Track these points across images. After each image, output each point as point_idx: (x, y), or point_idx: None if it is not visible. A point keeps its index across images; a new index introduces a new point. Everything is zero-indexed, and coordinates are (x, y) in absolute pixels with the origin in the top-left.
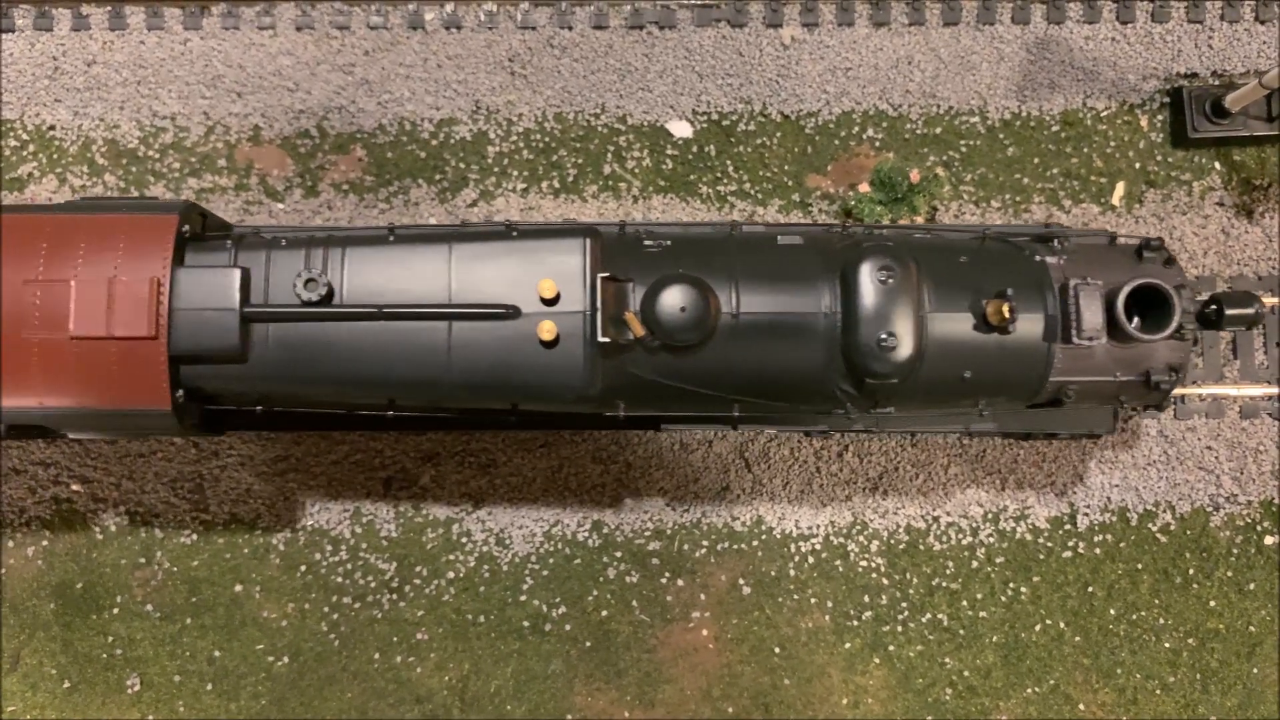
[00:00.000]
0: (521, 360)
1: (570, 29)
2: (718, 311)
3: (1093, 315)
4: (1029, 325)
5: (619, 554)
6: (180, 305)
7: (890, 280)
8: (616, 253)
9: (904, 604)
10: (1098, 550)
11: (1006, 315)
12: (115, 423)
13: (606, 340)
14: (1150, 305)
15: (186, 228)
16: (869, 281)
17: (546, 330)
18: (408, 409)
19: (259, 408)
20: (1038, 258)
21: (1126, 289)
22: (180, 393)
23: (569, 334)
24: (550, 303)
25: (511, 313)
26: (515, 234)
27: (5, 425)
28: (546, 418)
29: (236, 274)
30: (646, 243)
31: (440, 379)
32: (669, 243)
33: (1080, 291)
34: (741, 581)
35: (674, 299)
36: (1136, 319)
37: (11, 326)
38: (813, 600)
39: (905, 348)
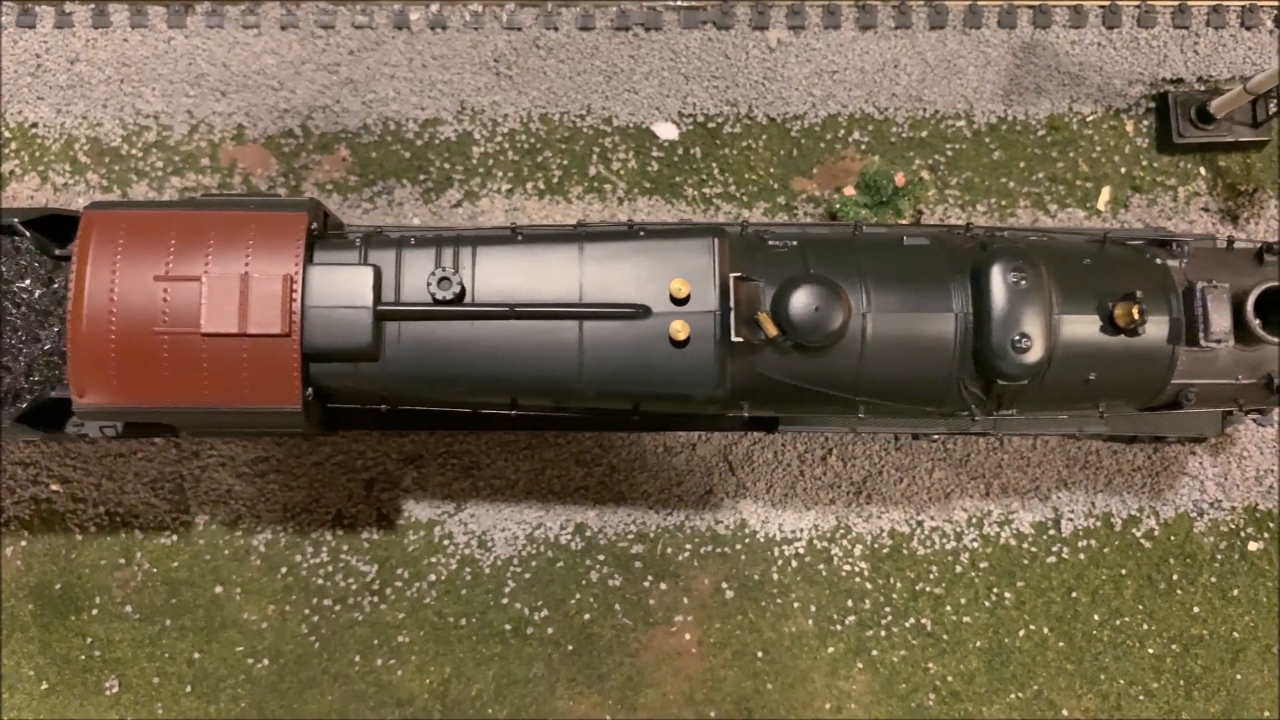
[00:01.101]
0: (652, 360)
1: (556, 30)
2: (850, 312)
3: (1220, 318)
4: (1154, 328)
5: (602, 557)
6: (312, 303)
7: (1023, 282)
8: (741, 252)
9: (887, 609)
10: (1082, 555)
11: (1136, 317)
12: (242, 421)
13: (739, 340)
14: (1272, 309)
15: (315, 225)
16: (1001, 283)
17: (679, 330)
18: (530, 409)
19: (382, 406)
20: (1159, 261)
21: (1257, 291)
22: (309, 391)
23: (700, 334)
24: (681, 303)
25: (642, 312)
26: (643, 234)
27: (123, 423)
28: (664, 418)
29: (370, 272)
30: (771, 243)
31: (571, 378)
32: (795, 243)
33: (1208, 294)
34: (725, 585)
35: (808, 299)
36: (1258, 321)
37: (140, 323)
38: (796, 604)
39: (1038, 349)
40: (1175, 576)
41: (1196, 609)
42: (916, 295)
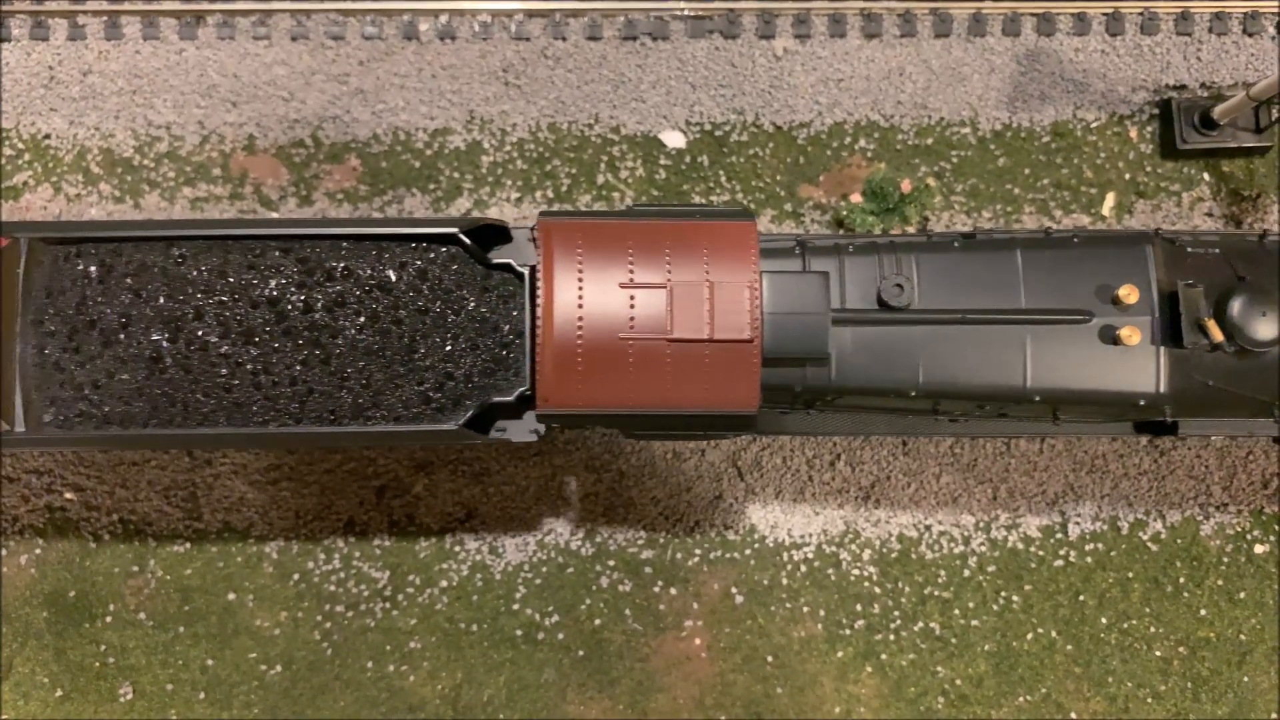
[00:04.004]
0: (1096, 365)
1: (564, 39)
2: None
3: None
4: None
5: (612, 562)
6: (770, 309)
7: None
8: (1167, 259)
9: (896, 613)
10: (1089, 559)
11: None
12: (693, 423)
13: (1188, 347)
14: None
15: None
16: None
17: (1129, 335)
18: (948, 411)
19: (807, 410)
20: None
21: None
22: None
23: (1144, 339)
24: (1124, 308)
25: (1085, 318)
26: (1077, 240)
27: (545, 426)
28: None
29: (821, 278)
30: (1191, 250)
31: (1017, 383)
32: (1216, 250)
33: None
34: (734, 590)
35: (1254, 305)
36: None
37: (607, 328)
38: (805, 609)
39: None
40: (1182, 579)
41: (1203, 612)
42: None
